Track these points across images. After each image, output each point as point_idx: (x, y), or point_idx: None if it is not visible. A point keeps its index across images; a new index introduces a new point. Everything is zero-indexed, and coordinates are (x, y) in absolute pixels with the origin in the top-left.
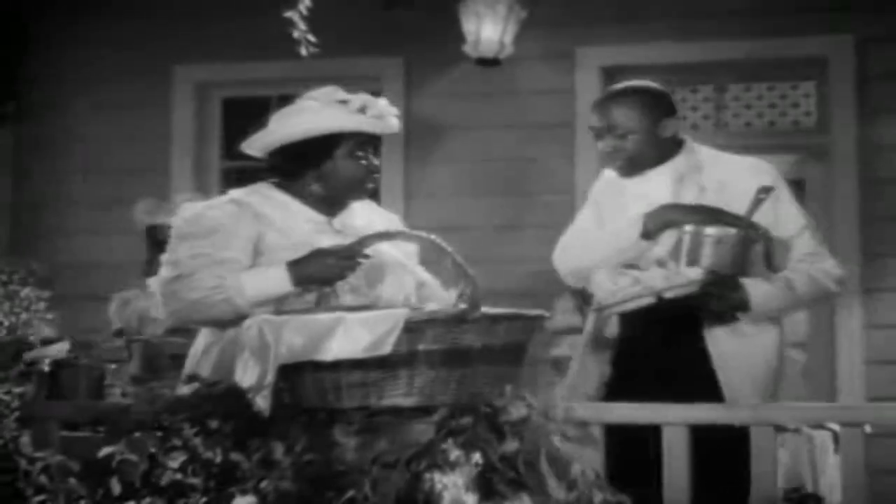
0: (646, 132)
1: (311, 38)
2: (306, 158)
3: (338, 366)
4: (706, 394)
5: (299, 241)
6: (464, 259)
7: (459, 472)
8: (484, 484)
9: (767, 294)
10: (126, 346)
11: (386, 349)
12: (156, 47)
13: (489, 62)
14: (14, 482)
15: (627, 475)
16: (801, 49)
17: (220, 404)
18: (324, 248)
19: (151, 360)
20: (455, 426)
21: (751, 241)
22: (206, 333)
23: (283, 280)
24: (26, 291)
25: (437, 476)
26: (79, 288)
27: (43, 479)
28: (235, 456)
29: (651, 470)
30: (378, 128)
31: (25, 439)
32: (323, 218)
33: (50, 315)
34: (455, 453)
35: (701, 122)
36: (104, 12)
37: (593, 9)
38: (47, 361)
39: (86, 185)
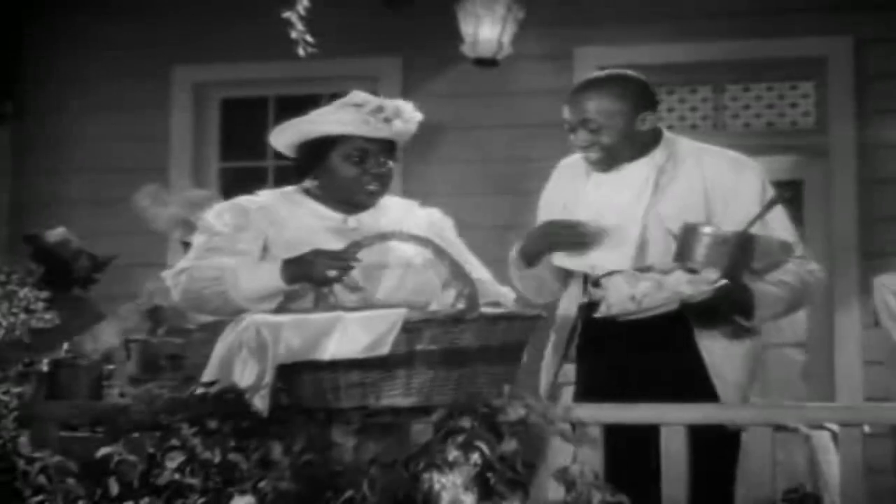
0: (623, 126)
1: (309, 39)
2: (308, 159)
3: (336, 366)
4: (699, 399)
5: (295, 238)
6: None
7: (458, 472)
8: (482, 484)
9: (771, 298)
10: (125, 346)
11: (384, 349)
12: (154, 48)
13: (487, 63)
14: (12, 482)
15: (627, 476)
16: (800, 49)
17: (219, 404)
18: (320, 249)
19: (150, 361)
20: (453, 426)
21: (749, 244)
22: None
23: (276, 277)
24: (24, 292)
25: (436, 476)
26: None
27: (41, 480)
28: (234, 456)
29: (651, 470)
30: (375, 132)
31: (24, 439)
32: (339, 216)
33: (48, 315)
34: (453, 453)
35: (699, 123)
36: (103, 13)
37: (591, 9)
38: (46, 361)
39: (84, 186)
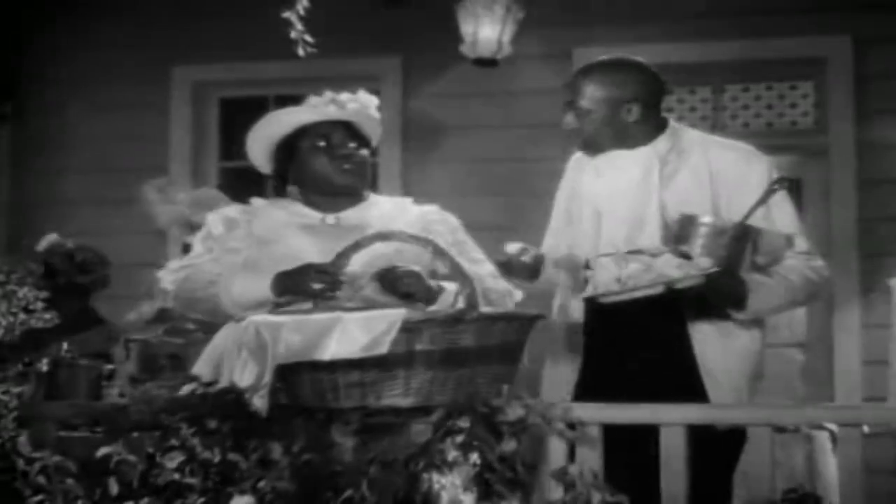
0: (606, 113)
1: (309, 39)
2: (280, 164)
3: (335, 366)
4: (688, 395)
5: (264, 234)
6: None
7: (457, 472)
8: (482, 484)
9: (766, 291)
10: (124, 346)
11: (383, 349)
12: (154, 47)
13: (487, 63)
14: (12, 482)
15: (627, 475)
16: (800, 49)
17: (219, 404)
18: (310, 263)
19: (149, 361)
20: (453, 426)
21: (749, 236)
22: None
23: (266, 289)
24: (24, 291)
25: (435, 476)
26: None
27: (41, 480)
28: (233, 456)
29: (650, 470)
30: (329, 115)
31: (23, 439)
32: (317, 214)
33: (48, 315)
34: (453, 453)
35: (699, 123)
36: (102, 13)
37: (591, 9)
38: (45, 361)
39: (84, 186)
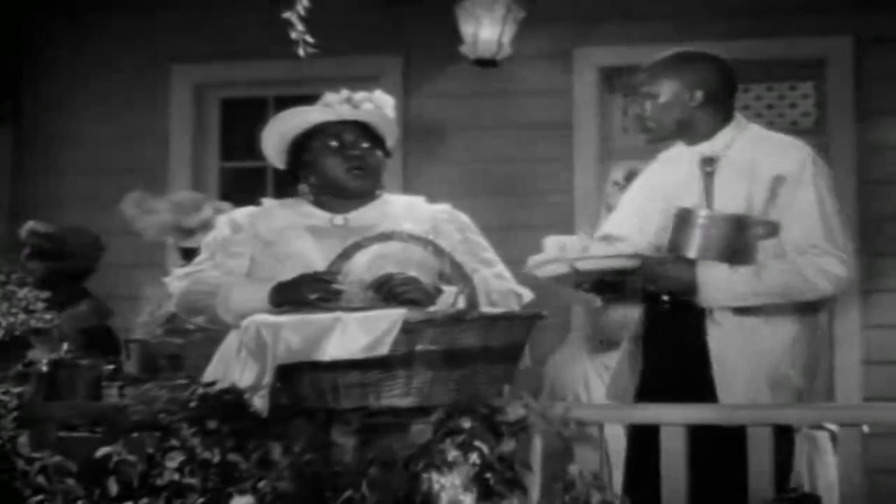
0: (669, 99)
1: (309, 39)
2: (294, 159)
3: (336, 366)
4: (700, 394)
5: (269, 235)
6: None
7: (457, 473)
8: (481, 484)
9: (723, 279)
10: (124, 346)
11: (383, 349)
12: (154, 47)
13: (487, 63)
14: (12, 482)
15: (648, 476)
16: (800, 50)
17: (219, 405)
18: (306, 273)
19: (149, 361)
20: (453, 426)
21: (745, 226)
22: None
23: (264, 300)
24: (24, 292)
25: (435, 476)
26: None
27: (41, 480)
28: (233, 456)
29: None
30: (343, 115)
31: (23, 440)
32: (326, 215)
33: (48, 315)
34: (453, 453)
35: None
36: (102, 12)
37: (591, 9)
38: (45, 361)
39: (84, 186)
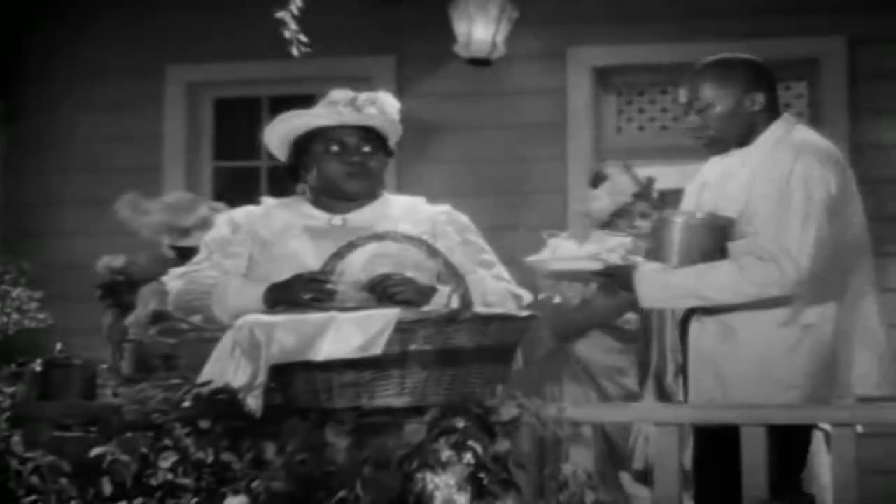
0: (730, 106)
1: (303, 39)
2: (294, 158)
3: (329, 366)
4: (686, 392)
5: (269, 236)
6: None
7: (451, 472)
8: (475, 484)
9: (658, 281)
10: (117, 346)
11: (377, 349)
12: (148, 47)
13: (481, 62)
14: (5, 482)
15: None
16: (793, 50)
17: (212, 405)
18: (300, 273)
19: (143, 361)
20: (447, 426)
21: (720, 226)
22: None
23: (258, 300)
24: (17, 291)
25: (429, 476)
26: (70, 288)
27: (34, 480)
28: (227, 456)
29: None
30: (346, 119)
31: (17, 439)
32: (324, 215)
33: (41, 315)
34: (447, 453)
35: None
36: (97, 12)
37: (585, 9)
38: (38, 361)
39: (77, 185)
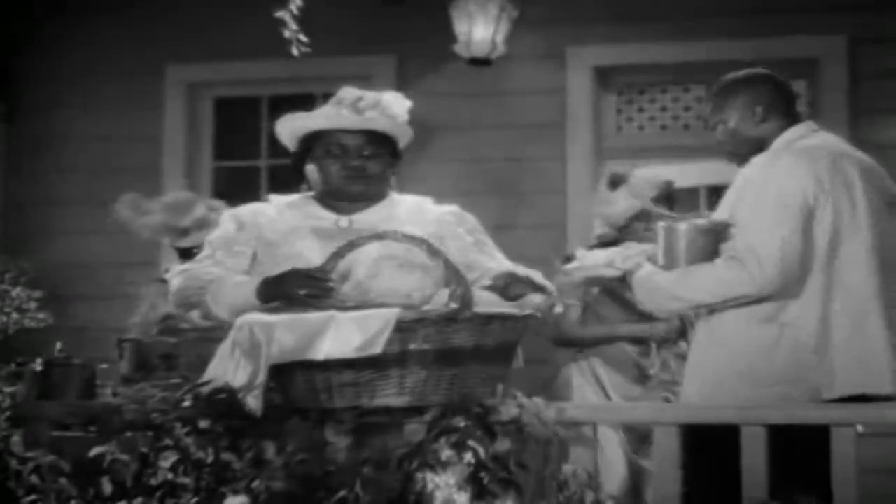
0: (738, 121)
1: (303, 38)
2: (299, 157)
3: (329, 365)
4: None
5: (274, 238)
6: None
7: (451, 472)
8: (475, 483)
9: (647, 286)
10: (117, 346)
11: (377, 349)
12: (148, 47)
13: (481, 62)
14: (5, 482)
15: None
16: (793, 49)
17: (212, 404)
18: (296, 269)
19: (142, 360)
20: (447, 426)
21: (716, 231)
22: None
23: (252, 295)
24: (17, 291)
25: (429, 476)
26: (69, 288)
27: (34, 479)
28: (227, 456)
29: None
30: (345, 123)
31: (16, 439)
32: (332, 216)
33: (41, 314)
34: (447, 453)
35: (693, 122)
36: (96, 12)
37: (585, 9)
38: (38, 361)
39: (77, 185)
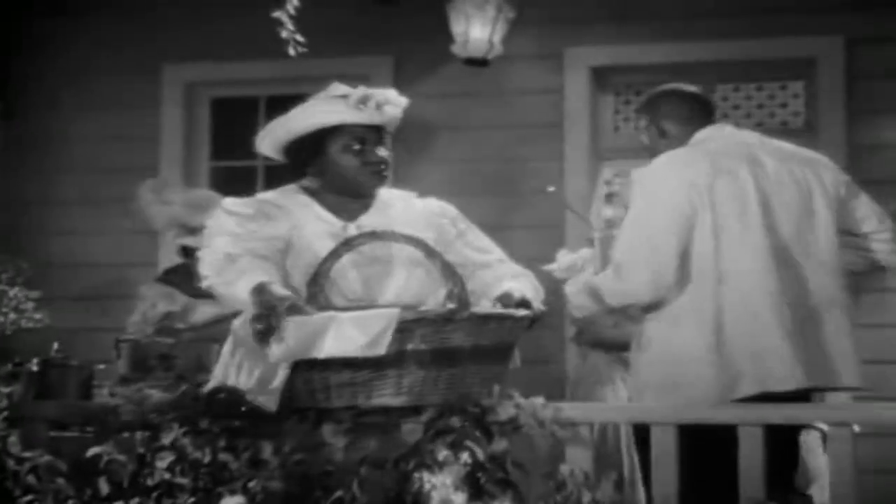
0: (652, 130)
1: (299, 38)
2: (303, 156)
3: (327, 365)
4: None
5: (305, 243)
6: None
7: (448, 472)
8: (472, 483)
9: (569, 292)
10: (115, 346)
11: (381, 349)
12: (145, 47)
13: (478, 62)
14: (2, 482)
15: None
16: (790, 49)
17: (209, 404)
18: (292, 301)
19: (140, 361)
20: (444, 426)
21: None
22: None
23: (245, 295)
24: (14, 291)
25: (426, 476)
26: (67, 288)
27: (31, 480)
28: (224, 456)
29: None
30: (367, 118)
31: (14, 439)
32: (338, 222)
33: (38, 315)
34: (444, 453)
35: None
36: (92, 11)
37: (582, 9)
38: (35, 361)
39: (74, 185)
